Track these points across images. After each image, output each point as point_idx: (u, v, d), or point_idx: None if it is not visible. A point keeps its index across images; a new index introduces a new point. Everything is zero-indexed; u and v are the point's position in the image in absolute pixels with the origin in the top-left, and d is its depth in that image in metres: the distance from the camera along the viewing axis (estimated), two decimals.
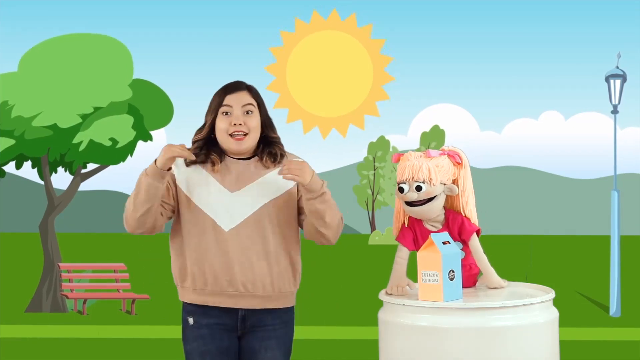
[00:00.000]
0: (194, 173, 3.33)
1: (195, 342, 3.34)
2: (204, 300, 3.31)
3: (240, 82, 3.41)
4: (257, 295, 3.31)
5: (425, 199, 3.18)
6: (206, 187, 3.30)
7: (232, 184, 3.30)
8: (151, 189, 3.22)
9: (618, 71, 12.62)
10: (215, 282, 3.29)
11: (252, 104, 3.35)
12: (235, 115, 3.31)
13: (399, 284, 3.23)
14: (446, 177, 3.22)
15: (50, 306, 12.79)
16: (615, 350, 9.33)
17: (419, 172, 3.18)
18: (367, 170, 47.32)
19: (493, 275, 3.23)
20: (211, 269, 3.28)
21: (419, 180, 3.17)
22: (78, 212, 42.69)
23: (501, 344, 2.92)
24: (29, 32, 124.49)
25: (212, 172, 3.32)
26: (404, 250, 3.27)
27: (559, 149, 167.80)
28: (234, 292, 3.29)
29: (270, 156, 3.36)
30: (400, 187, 3.20)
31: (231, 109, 3.32)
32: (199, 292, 3.31)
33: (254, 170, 3.34)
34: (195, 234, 3.29)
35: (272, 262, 3.31)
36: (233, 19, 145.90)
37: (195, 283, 3.31)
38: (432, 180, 3.17)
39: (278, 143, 3.41)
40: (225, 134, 3.31)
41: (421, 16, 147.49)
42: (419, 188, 3.17)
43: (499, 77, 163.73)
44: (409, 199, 3.18)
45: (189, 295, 3.35)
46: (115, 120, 12.09)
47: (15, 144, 12.17)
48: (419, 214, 3.23)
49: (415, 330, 2.97)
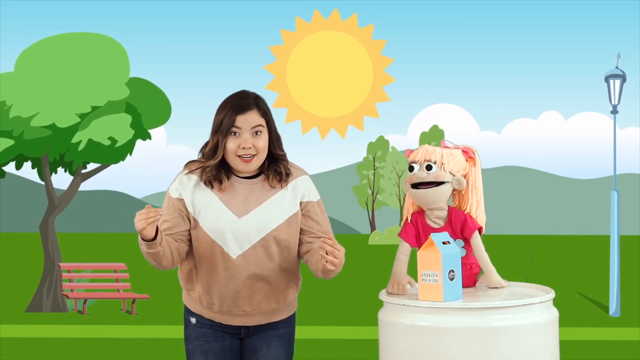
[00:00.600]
0: (200, 194, 3.29)
1: (197, 341, 3.35)
2: (211, 316, 3.34)
3: (249, 100, 3.30)
4: (263, 312, 3.34)
5: (433, 182, 3.18)
6: (213, 211, 3.27)
7: (239, 209, 3.27)
8: (154, 255, 3.20)
9: (618, 71, 12.64)
10: (222, 304, 3.30)
11: (261, 125, 3.28)
12: (243, 137, 3.25)
13: (400, 282, 3.23)
14: (457, 167, 3.22)
15: (51, 306, 12.80)
16: (615, 350, 9.34)
17: (432, 154, 3.19)
18: (367, 170, 47.34)
19: (494, 274, 3.23)
20: (218, 293, 3.28)
21: (430, 160, 3.18)
22: (78, 212, 42.70)
23: (501, 344, 2.92)
24: (25, 32, 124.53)
25: (219, 192, 3.28)
26: (405, 247, 3.27)
27: (559, 149, 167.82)
28: (240, 312, 3.31)
29: (277, 175, 3.32)
30: (410, 166, 3.21)
31: (240, 130, 3.25)
32: (206, 307, 3.33)
33: (260, 192, 3.31)
34: (203, 256, 3.28)
35: (278, 281, 3.32)
36: (232, 18, 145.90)
37: (202, 300, 3.32)
38: (444, 164, 3.18)
39: (284, 160, 3.36)
40: (233, 155, 3.25)
41: (420, 16, 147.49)
42: (429, 167, 3.18)
43: (498, 77, 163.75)
44: (417, 178, 3.18)
45: (195, 306, 3.36)
46: (113, 119, 12.09)
47: (15, 144, 12.18)
48: (423, 198, 3.21)
49: (415, 330, 2.97)
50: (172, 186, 3.34)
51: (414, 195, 3.23)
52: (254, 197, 3.29)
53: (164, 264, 3.22)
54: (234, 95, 3.33)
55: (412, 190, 3.23)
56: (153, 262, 3.23)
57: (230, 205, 3.27)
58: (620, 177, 12.93)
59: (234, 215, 3.26)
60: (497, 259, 3.26)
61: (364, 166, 47.54)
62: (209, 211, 3.26)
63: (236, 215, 3.26)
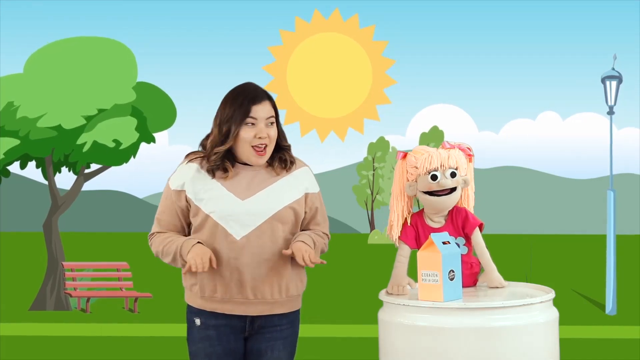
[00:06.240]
0: (203, 181, 3.29)
1: (201, 343, 3.32)
2: (213, 307, 3.31)
3: (261, 91, 3.31)
4: (266, 302, 3.31)
5: (451, 187, 3.18)
6: (217, 196, 3.26)
7: (242, 192, 3.27)
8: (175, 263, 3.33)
9: (614, 72, 12.72)
10: (225, 290, 3.27)
11: (273, 116, 3.31)
12: (259, 127, 3.26)
13: (400, 283, 3.22)
14: (463, 168, 3.25)
15: (54, 304, 12.83)
16: (611, 348, 9.36)
17: (448, 160, 3.18)
18: (366, 171, 47.36)
19: (494, 272, 3.23)
20: (221, 277, 3.27)
21: (451, 167, 3.18)
22: (81, 211, 42.66)
23: (501, 344, 2.90)
24: (35, 34, 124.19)
25: (223, 180, 3.28)
26: (405, 249, 3.26)
27: (557, 149, 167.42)
28: (243, 299, 3.28)
29: (281, 162, 3.35)
30: (433, 174, 3.16)
31: (256, 120, 3.25)
32: (208, 299, 3.30)
33: (264, 177, 3.32)
34: (206, 241, 3.27)
35: (281, 269, 3.30)
36: (231, 19, 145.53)
37: (204, 290, 3.30)
38: (459, 169, 3.20)
39: (288, 149, 3.40)
40: (248, 145, 3.27)
41: (419, 16, 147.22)
42: (454, 175, 3.18)
43: (496, 78, 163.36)
44: (443, 185, 3.16)
45: (197, 300, 3.33)
46: (118, 122, 12.13)
47: (20, 144, 12.21)
48: (442, 205, 3.20)
49: (415, 330, 2.95)
50: (172, 177, 3.34)
51: (433, 202, 3.21)
52: (257, 182, 3.29)
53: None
54: (244, 87, 3.33)
55: (429, 197, 3.20)
56: (168, 261, 3.36)
57: (234, 189, 3.27)
58: (618, 177, 13.00)
59: (237, 198, 3.26)
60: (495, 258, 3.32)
61: (363, 166, 47.57)
62: (211, 196, 3.26)
63: (239, 198, 3.26)
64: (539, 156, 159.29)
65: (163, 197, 3.37)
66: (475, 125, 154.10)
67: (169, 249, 3.31)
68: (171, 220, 3.35)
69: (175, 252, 3.29)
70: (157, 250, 3.37)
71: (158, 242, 3.36)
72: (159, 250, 3.35)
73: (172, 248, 3.30)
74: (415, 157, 3.22)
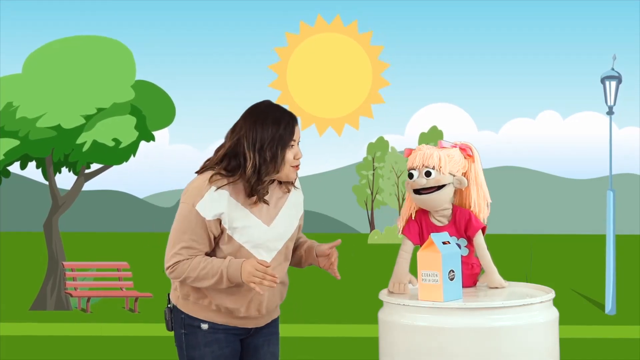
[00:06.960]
0: (235, 210, 3.24)
1: (208, 347, 3.31)
2: (225, 321, 3.33)
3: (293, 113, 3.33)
4: (270, 312, 3.42)
5: (434, 186, 3.19)
6: (248, 225, 3.26)
7: (265, 216, 3.28)
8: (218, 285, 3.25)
9: (613, 73, 12.74)
10: (246, 310, 3.32)
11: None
12: (297, 148, 3.29)
13: (401, 280, 3.23)
14: (456, 168, 3.23)
15: (55, 304, 12.84)
16: (611, 348, 9.37)
17: (429, 159, 3.20)
18: (366, 171, 47.36)
19: (495, 274, 3.23)
20: (243, 297, 3.30)
21: (428, 166, 3.19)
22: (82, 211, 42.69)
23: (501, 344, 2.91)
24: (34, 35, 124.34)
25: (250, 207, 3.26)
26: (408, 244, 3.27)
27: (557, 149, 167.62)
28: (259, 316, 3.36)
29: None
30: (410, 173, 3.21)
31: (295, 142, 3.27)
32: (223, 315, 3.33)
33: (278, 195, 3.35)
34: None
35: (285, 280, 3.42)
36: (237, 21, 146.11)
37: (219, 307, 3.30)
38: (442, 168, 3.19)
39: None
40: (289, 166, 3.26)
41: (418, 16, 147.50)
42: (428, 174, 3.19)
43: (496, 77, 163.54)
44: (417, 185, 3.19)
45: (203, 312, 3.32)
46: (118, 121, 12.14)
47: (20, 144, 12.22)
48: (426, 203, 3.23)
49: (415, 330, 2.96)
50: (203, 204, 3.21)
51: (417, 200, 3.24)
52: (274, 201, 3.32)
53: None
54: (278, 108, 3.30)
55: (414, 195, 3.23)
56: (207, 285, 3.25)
57: (259, 214, 3.28)
58: (618, 177, 13.02)
59: (264, 225, 3.28)
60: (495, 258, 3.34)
61: (363, 166, 47.56)
62: (244, 224, 3.25)
63: (265, 224, 3.29)
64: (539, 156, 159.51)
65: (189, 223, 3.22)
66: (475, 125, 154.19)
67: (207, 274, 3.22)
68: (203, 249, 3.25)
69: (220, 275, 3.21)
70: (188, 276, 3.25)
71: (189, 268, 3.23)
72: (193, 276, 3.23)
73: (213, 271, 3.21)
74: (411, 155, 3.28)
